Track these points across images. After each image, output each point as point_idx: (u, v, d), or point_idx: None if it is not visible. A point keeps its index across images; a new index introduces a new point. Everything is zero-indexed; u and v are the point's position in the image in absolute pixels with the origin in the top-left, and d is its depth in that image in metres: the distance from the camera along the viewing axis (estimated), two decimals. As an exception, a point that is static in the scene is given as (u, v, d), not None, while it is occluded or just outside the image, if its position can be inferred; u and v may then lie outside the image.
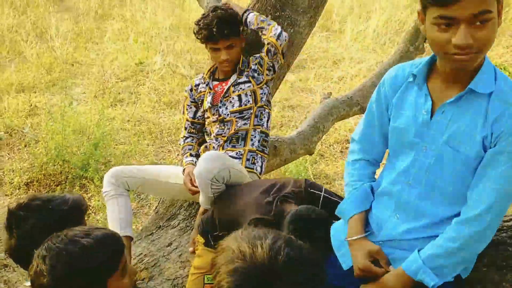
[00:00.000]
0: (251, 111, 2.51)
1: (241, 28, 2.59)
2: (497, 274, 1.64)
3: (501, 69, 5.56)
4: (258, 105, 2.53)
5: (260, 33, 2.56)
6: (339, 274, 1.68)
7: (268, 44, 2.51)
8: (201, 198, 2.34)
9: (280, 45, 2.50)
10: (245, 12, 2.59)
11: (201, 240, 2.18)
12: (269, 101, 2.61)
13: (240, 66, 2.55)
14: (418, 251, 1.52)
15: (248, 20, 2.57)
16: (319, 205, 2.00)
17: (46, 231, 1.38)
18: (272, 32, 2.50)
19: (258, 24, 2.54)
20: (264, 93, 2.55)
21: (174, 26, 7.14)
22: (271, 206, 1.98)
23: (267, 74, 2.55)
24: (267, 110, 2.58)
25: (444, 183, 1.51)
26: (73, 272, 1.26)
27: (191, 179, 2.39)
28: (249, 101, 2.50)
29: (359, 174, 1.76)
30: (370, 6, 7.79)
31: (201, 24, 2.48)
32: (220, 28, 2.42)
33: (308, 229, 1.76)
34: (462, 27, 1.30)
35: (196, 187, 2.31)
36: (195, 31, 2.52)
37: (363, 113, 3.66)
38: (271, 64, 2.54)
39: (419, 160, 1.54)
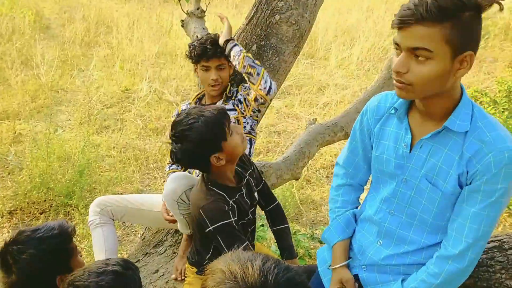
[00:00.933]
0: None
1: None
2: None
3: (482, 95, 5.67)
4: None
5: (247, 79, 2.49)
6: None
7: (257, 94, 2.47)
8: (178, 224, 2.35)
9: (270, 99, 2.50)
10: (228, 41, 2.54)
11: (193, 268, 2.17)
12: (253, 129, 2.63)
13: (228, 92, 2.58)
14: (402, 281, 1.55)
15: (232, 53, 2.50)
16: None
17: (44, 260, 1.38)
18: (261, 85, 2.43)
19: (245, 68, 2.46)
20: (247, 122, 2.57)
21: (160, 53, 7.20)
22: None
23: (252, 112, 2.57)
24: (250, 138, 2.60)
25: (424, 214, 1.53)
26: None
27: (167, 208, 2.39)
28: None
29: (343, 201, 1.79)
30: (353, 33, 7.95)
31: (195, 43, 2.56)
32: (213, 47, 2.51)
33: None
34: (402, 54, 1.35)
35: (172, 215, 2.31)
36: (188, 51, 2.58)
37: (347, 138, 3.70)
38: (257, 109, 2.57)
39: (400, 191, 1.56)
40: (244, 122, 2.57)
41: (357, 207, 1.81)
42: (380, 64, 7.09)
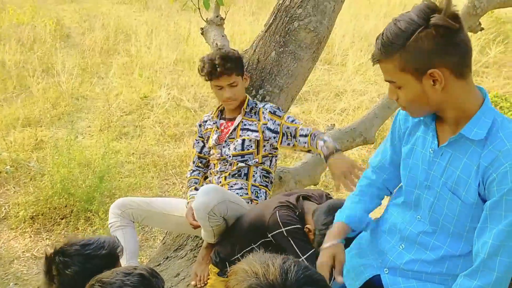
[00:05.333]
0: (253, 156, 2.53)
1: (245, 68, 2.63)
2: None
3: (502, 100, 5.61)
4: (261, 154, 2.54)
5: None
6: None
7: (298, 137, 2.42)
8: (203, 232, 2.35)
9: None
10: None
11: (215, 269, 2.20)
12: (273, 147, 2.61)
13: (245, 107, 2.58)
14: None
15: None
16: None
17: (88, 277, 1.37)
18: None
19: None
20: (266, 146, 2.57)
21: (178, 60, 7.26)
22: (293, 201, 2.04)
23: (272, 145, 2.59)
24: (270, 156, 2.61)
25: (446, 221, 1.52)
26: None
27: (192, 213, 2.39)
28: (251, 146, 2.53)
29: (362, 191, 1.81)
30: (371, 39, 7.92)
31: (205, 60, 2.53)
32: (222, 65, 2.47)
33: None
34: (389, 85, 1.51)
35: (197, 221, 2.33)
36: (199, 68, 2.57)
37: (365, 144, 3.70)
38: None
39: (425, 198, 1.56)
40: (264, 145, 2.56)
41: (376, 203, 1.81)
42: (397, 69, 7.05)
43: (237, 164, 2.51)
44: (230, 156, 2.52)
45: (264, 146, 2.55)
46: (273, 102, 2.83)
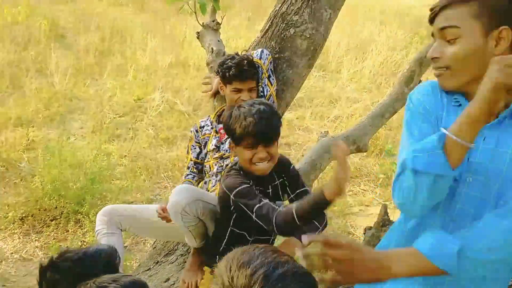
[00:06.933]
0: None
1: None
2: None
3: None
4: None
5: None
6: None
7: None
8: (186, 237, 2.35)
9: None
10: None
11: (207, 269, 2.20)
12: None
13: None
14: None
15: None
16: None
17: None
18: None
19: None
20: None
21: (173, 63, 7.25)
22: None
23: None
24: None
25: None
26: None
27: (164, 207, 2.39)
28: None
29: None
30: (366, 47, 7.96)
31: (229, 63, 2.52)
32: (250, 69, 2.51)
33: None
34: (435, 42, 1.37)
35: (165, 213, 2.35)
36: (220, 69, 2.55)
37: (359, 152, 3.69)
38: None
39: (464, 193, 1.37)
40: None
41: None
42: (392, 78, 7.08)
43: (234, 157, 2.50)
44: (227, 150, 2.52)
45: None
46: (268, 108, 2.83)
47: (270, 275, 0.99)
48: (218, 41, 3.10)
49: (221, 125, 2.63)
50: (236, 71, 2.49)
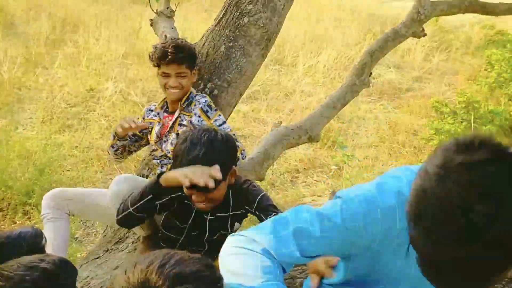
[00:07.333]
0: None
1: (196, 63, 2.60)
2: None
3: (443, 105, 5.84)
4: None
5: None
6: None
7: None
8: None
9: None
10: None
11: None
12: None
13: (183, 102, 2.53)
14: None
15: None
16: None
17: None
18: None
19: None
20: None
21: (127, 54, 7.13)
22: None
23: None
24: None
25: None
26: None
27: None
28: None
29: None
30: (321, 42, 8.07)
31: (158, 46, 2.50)
32: (175, 52, 2.44)
33: None
34: None
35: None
36: (150, 54, 2.52)
37: (311, 142, 3.75)
38: None
39: None
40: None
41: None
42: (346, 72, 7.20)
43: None
44: (169, 152, 2.50)
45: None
46: (221, 96, 2.83)
47: (167, 262, 0.96)
48: (172, 28, 3.08)
49: (165, 114, 2.61)
50: (160, 53, 2.45)
